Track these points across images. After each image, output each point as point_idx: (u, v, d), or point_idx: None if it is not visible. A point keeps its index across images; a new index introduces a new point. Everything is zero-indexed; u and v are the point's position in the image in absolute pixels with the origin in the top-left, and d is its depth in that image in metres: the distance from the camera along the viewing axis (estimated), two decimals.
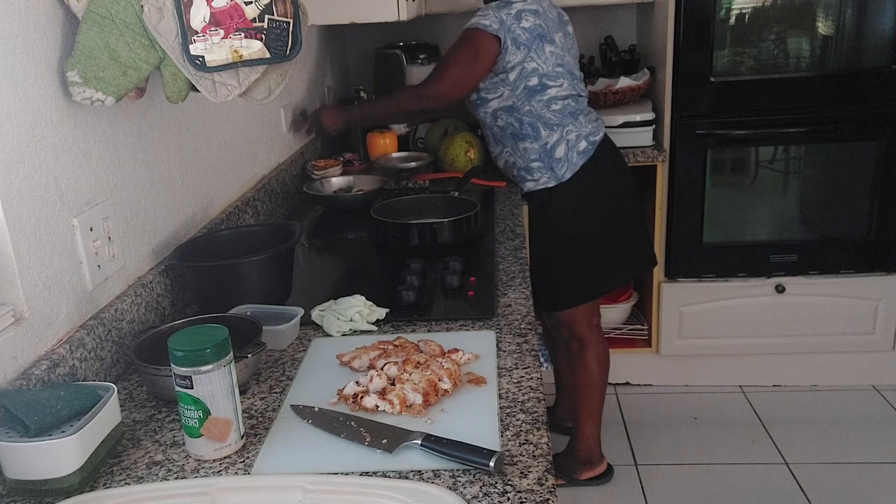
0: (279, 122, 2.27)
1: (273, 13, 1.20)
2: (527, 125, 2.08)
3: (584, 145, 2.09)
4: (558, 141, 2.08)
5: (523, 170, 2.13)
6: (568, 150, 2.08)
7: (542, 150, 2.08)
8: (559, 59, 2.08)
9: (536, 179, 2.12)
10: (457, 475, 0.89)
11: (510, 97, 2.06)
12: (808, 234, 2.85)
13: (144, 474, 0.94)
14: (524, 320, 1.31)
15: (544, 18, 2.07)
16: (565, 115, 2.08)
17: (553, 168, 2.09)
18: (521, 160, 2.12)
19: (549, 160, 2.09)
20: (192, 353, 0.91)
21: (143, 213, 1.37)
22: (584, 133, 2.10)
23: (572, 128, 2.09)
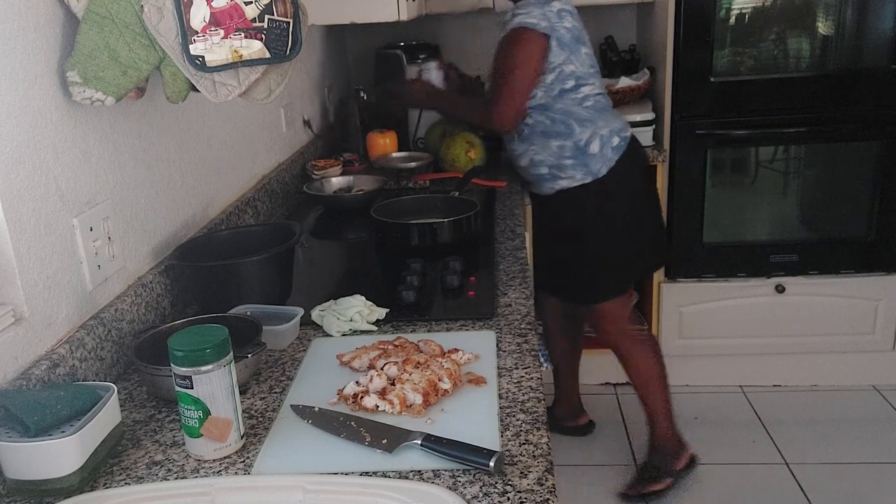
0: (279, 122, 2.27)
1: (273, 13, 1.20)
2: (559, 123, 2.03)
3: (616, 140, 2.06)
4: (591, 137, 2.04)
5: (554, 168, 2.07)
6: (602, 146, 2.04)
7: (574, 147, 2.03)
8: (591, 61, 2.07)
9: (571, 177, 2.06)
10: (457, 475, 0.89)
11: (543, 97, 2.03)
12: (808, 234, 2.85)
13: (144, 474, 0.94)
14: (524, 320, 1.31)
15: (577, 19, 2.07)
16: (597, 111, 2.06)
17: (588, 164, 2.04)
18: (552, 158, 2.06)
19: (583, 157, 2.04)
20: (192, 353, 0.91)
21: (143, 213, 1.37)
22: (615, 128, 2.08)
23: (603, 123, 2.06)
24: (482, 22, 3.20)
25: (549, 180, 2.10)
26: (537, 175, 2.12)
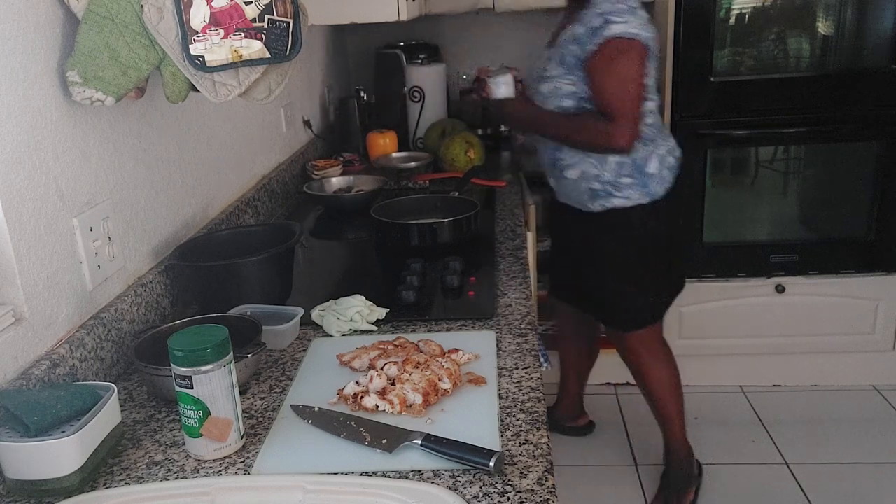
0: (279, 122, 2.27)
1: (273, 13, 1.20)
2: None
3: (671, 160, 1.98)
4: (649, 156, 1.94)
5: (609, 185, 1.94)
6: (660, 166, 1.95)
7: (633, 165, 1.92)
8: (656, 73, 1.97)
9: (627, 196, 1.94)
10: (457, 475, 0.89)
11: None
12: (808, 234, 2.85)
13: (144, 474, 0.94)
14: (524, 320, 1.31)
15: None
16: (655, 129, 1.96)
17: (647, 184, 1.94)
18: (609, 174, 1.93)
19: (641, 176, 1.93)
20: (192, 353, 0.91)
21: (143, 213, 1.37)
22: (670, 147, 2.00)
23: (661, 142, 1.97)
24: (482, 22, 3.20)
25: (600, 197, 1.96)
26: (587, 190, 1.98)
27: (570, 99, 1.90)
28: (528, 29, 3.23)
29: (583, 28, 1.84)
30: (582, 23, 1.85)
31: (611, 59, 1.81)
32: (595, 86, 1.85)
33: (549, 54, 1.97)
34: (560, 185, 2.06)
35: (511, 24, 3.22)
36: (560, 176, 2.03)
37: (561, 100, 1.91)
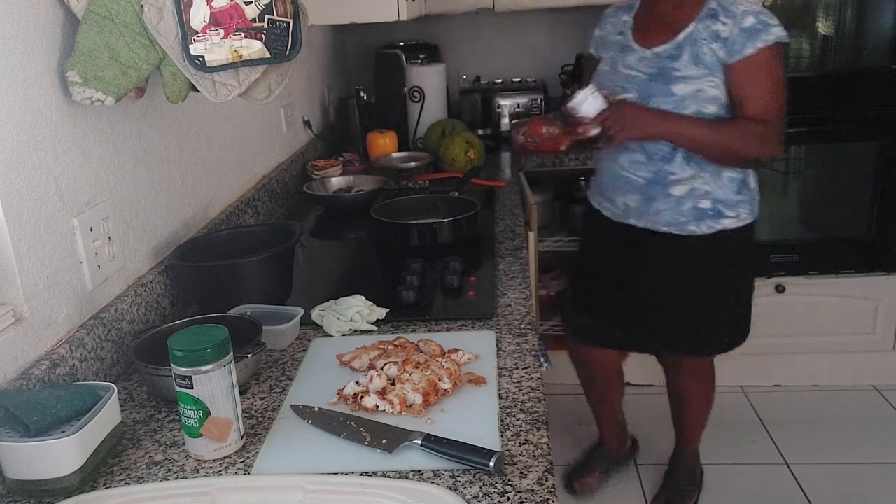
0: (279, 122, 2.27)
1: (273, 13, 1.20)
2: None
3: (755, 178, 1.87)
4: (749, 172, 1.83)
5: (721, 203, 1.78)
6: (755, 182, 1.85)
7: (741, 180, 1.80)
8: None
9: (737, 215, 1.80)
10: (457, 475, 0.89)
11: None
12: (808, 234, 2.85)
13: (144, 474, 0.94)
14: (524, 320, 1.31)
15: None
16: None
17: (751, 201, 1.83)
18: (721, 191, 1.78)
19: (748, 192, 1.82)
20: (192, 353, 0.91)
21: (143, 213, 1.37)
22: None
23: None
24: (482, 22, 3.20)
25: (708, 217, 1.79)
26: (691, 209, 1.78)
27: (714, 104, 1.70)
28: (528, 29, 3.23)
29: (726, 26, 1.67)
30: (716, 18, 1.69)
31: (771, 64, 1.69)
32: (750, 90, 1.69)
33: (663, 52, 1.73)
34: (650, 205, 1.81)
35: (511, 24, 3.22)
36: (658, 194, 1.79)
37: (703, 104, 1.70)
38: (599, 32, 1.92)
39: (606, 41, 1.87)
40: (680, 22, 1.73)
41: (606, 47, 1.87)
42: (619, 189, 1.86)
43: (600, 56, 1.89)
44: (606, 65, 1.82)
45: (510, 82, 3.13)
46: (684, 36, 1.71)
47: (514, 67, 3.23)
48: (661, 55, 1.73)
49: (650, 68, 1.74)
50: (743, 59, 1.67)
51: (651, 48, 1.75)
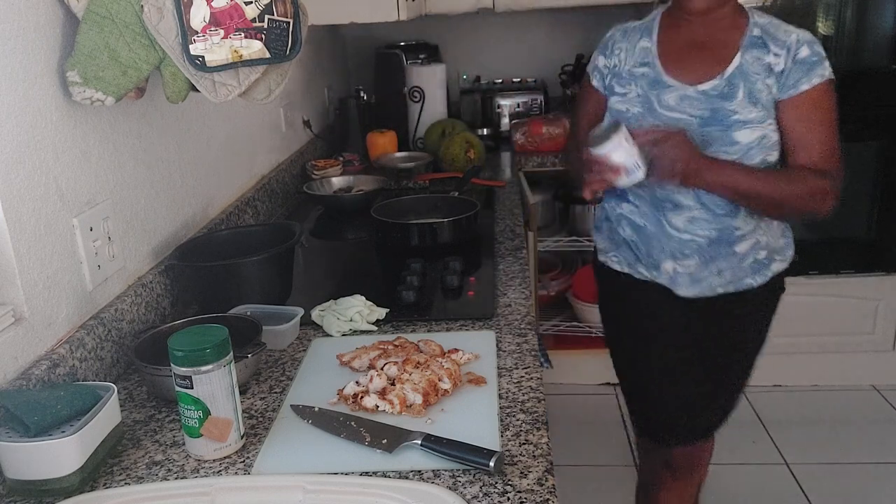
0: (279, 122, 2.27)
1: (273, 13, 1.20)
2: None
3: None
4: None
5: (774, 251, 1.58)
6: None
7: (786, 224, 1.61)
8: None
9: (784, 258, 1.62)
10: (457, 475, 0.89)
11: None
12: (808, 234, 2.85)
13: (144, 474, 0.94)
14: (524, 320, 1.31)
15: None
16: None
17: (791, 241, 1.64)
18: (774, 239, 1.57)
19: (789, 233, 1.62)
20: (192, 353, 0.91)
21: (143, 213, 1.37)
22: None
23: None
24: (482, 22, 3.20)
25: (763, 267, 1.57)
26: (751, 263, 1.55)
27: (776, 150, 1.46)
28: (528, 29, 3.23)
29: (779, 58, 1.44)
30: (765, 48, 1.44)
31: (827, 103, 1.45)
32: (805, 134, 1.43)
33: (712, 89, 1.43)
34: (708, 267, 1.52)
35: (511, 24, 3.22)
36: (719, 254, 1.51)
37: (768, 152, 1.44)
38: (606, 62, 1.56)
39: (622, 74, 1.52)
40: (720, 50, 1.44)
41: (625, 81, 1.51)
42: (666, 253, 1.52)
43: (613, 92, 1.53)
44: (637, 105, 1.48)
45: (510, 82, 3.13)
46: (734, 69, 1.42)
47: (514, 67, 3.23)
48: (711, 94, 1.43)
49: (699, 110, 1.43)
50: (797, 95, 1.42)
51: (694, 84, 1.44)
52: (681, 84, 1.45)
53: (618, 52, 1.54)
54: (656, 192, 1.48)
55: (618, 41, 1.55)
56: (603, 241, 1.67)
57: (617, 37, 1.57)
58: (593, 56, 1.60)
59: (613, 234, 1.62)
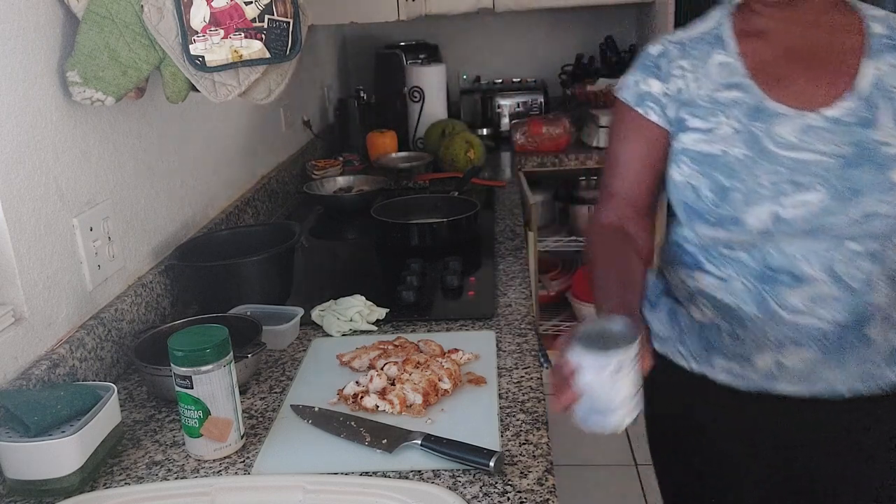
0: (279, 122, 2.27)
1: (273, 13, 1.20)
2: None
3: None
4: None
5: None
6: None
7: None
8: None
9: None
10: (457, 475, 0.89)
11: None
12: None
13: (144, 474, 0.94)
14: (524, 320, 1.31)
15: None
16: None
17: None
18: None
19: None
20: (192, 353, 0.91)
21: (143, 213, 1.37)
22: None
23: None
24: (482, 22, 3.20)
25: None
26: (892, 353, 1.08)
27: None
28: (528, 29, 3.24)
29: None
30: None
31: None
32: None
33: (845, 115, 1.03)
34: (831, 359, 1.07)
35: (511, 24, 3.22)
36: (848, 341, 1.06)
37: None
38: (665, 87, 1.12)
39: (696, 102, 1.09)
40: (837, 59, 1.06)
41: (705, 112, 1.08)
42: (770, 343, 1.07)
43: (685, 127, 1.09)
44: (738, 144, 1.04)
45: (510, 82, 3.13)
46: (867, 84, 1.04)
47: (514, 67, 3.23)
48: (845, 121, 1.02)
49: (836, 145, 1.02)
50: None
51: (815, 109, 1.04)
52: (795, 110, 1.04)
53: (680, 73, 1.11)
54: (766, 258, 1.04)
55: (675, 58, 1.12)
56: (661, 325, 1.20)
57: (672, 53, 1.13)
58: (632, 78, 1.15)
59: (680, 317, 1.17)
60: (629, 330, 0.84)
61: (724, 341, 1.12)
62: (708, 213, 1.06)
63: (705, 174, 1.06)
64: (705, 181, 1.06)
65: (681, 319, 1.18)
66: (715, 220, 1.06)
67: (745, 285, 1.08)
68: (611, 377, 0.81)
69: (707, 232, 1.09)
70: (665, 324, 1.20)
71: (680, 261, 1.17)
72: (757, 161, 1.04)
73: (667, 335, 1.20)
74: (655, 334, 1.22)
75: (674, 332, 1.19)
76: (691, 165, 1.08)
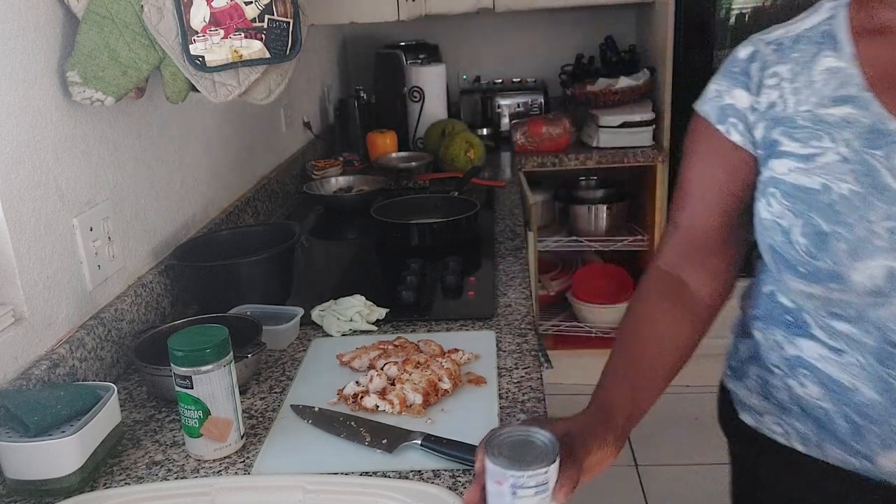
0: (279, 122, 2.27)
1: (273, 13, 1.20)
2: None
3: None
4: None
5: None
6: None
7: None
8: None
9: None
10: (457, 475, 0.89)
11: None
12: None
13: (144, 474, 0.94)
14: (524, 320, 1.31)
15: None
16: None
17: None
18: None
19: None
20: (192, 353, 0.91)
21: (143, 213, 1.37)
22: None
23: None
24: (482, 22, 3.20)
25: None
26: None
27: None
28: (528, 29, 3.23)
29: None
30: None
31: None
32: None
33: None
34: None
35: (511, 24, 3.23)
36: None
37: None
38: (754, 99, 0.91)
39: (794, 120, 0.86)
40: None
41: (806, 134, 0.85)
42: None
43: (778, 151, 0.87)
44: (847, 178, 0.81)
45: (510, 82, 3.13)
46: None
47: (514, 67, 3.23)
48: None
49: None
50: None
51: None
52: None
53: (775, 83, 0.89)
54: (885, 331, 0.81)
55: (771, 62, 0.90)
56: (749, 394, 1.01)
57: (766, 56, 0.91)
58: (714, 87, 0.95)
59: (776, 390, 0.96)
60: (550, 449, 0.71)
61: (838, 428, 0.87)
62: (800, 264, 0.83)
63: (800, 214, 0.83)
64: (799, 223, 0.83)
65: (777, 393, 0.95)
66: (809, 273, 0.83)
67: (860, 363, 0.84)
68: (510, 494, 0.70)
69: (799, 287, 0.86)
70: (755, 394, 0.99)
71: (776, 318, 0.93)
72: (870, 200, 0.79)
73: (759, 407, 0.99)
74: (743, 403, 1.02)
75: (770, 406, 0.97)
76: (783, 201, 0.85)
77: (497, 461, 0.70)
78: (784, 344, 0.92)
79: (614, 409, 0.84)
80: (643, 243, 2.88)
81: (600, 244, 2.90)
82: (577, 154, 2.74)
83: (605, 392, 0.87)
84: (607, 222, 2.91)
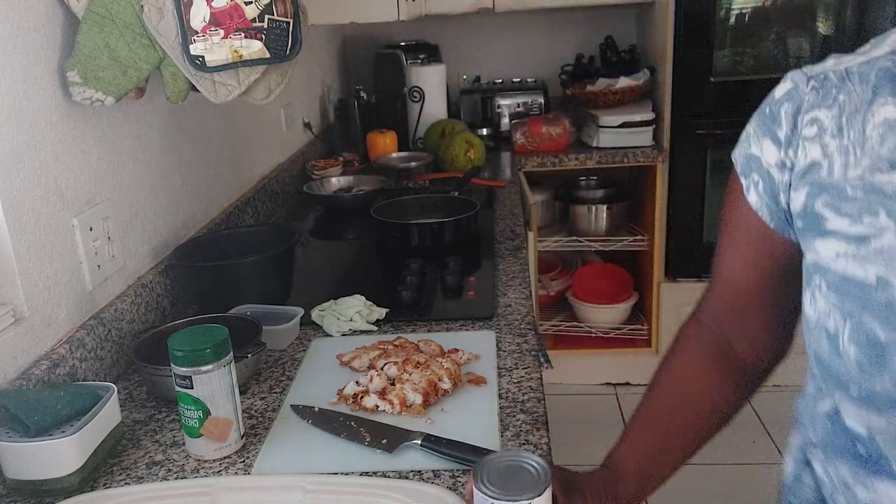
0: (279, 122, 2.27)
1: (273, 13, 1.20)
2: None
3: None
4: None
5: None
6: None
7: None
8: None
9: None
10: (457, 475, 0.89)
11: None
12: None
13: (144, 474, 0.94)
14: (524, 320, 1.31)
15: None
16: None
17: None
18: None
19: None
20: (192, 353, 0.91)
21: (143, 213, 1.37)
22: None
23: None
24: (482, 22, 3.20)
25: None
26: None
27: None
28: (528, 29, 3.23)
29: None
30: None
31: None
32: None
33: None
34: None
35: (511, 24, 3.22)
36: None
37: None
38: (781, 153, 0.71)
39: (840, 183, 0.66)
40: None
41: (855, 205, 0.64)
42: None
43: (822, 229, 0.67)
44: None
45: (510, 82, 3.14)
46: None
47: (514, 67, 3.23)
48: None
49: None
50: None
51: None
52: None
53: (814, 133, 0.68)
54: None
55: (810, 105, 0.69)
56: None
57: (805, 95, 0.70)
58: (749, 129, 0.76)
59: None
60: (542, 478, 0.67)
61: None
62: (851, 381, 0.64)
63: (849, 314, 0.63)
64: (849, 326, 0.63)
65: None
66: (864, 397, 0.63)
67: None
68: None
69: (850, 408, 0.67)
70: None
71: (842, 448, 0.71)
72: None
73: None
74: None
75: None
76: (829, 296, 0.65)
77: (484, 489, 0.66)
78: (852, 484, 0.69)
79: (627, 472, 0.76)
80: (643, 243, 2.89)
81: (600, 244, 2.91)
82: (577, 154, 2.74)
83: (621, 450, 0.79)
84: (607, 222, 2.91)
